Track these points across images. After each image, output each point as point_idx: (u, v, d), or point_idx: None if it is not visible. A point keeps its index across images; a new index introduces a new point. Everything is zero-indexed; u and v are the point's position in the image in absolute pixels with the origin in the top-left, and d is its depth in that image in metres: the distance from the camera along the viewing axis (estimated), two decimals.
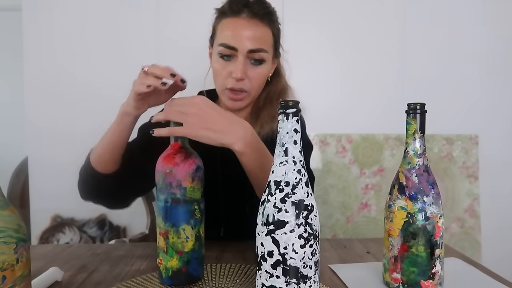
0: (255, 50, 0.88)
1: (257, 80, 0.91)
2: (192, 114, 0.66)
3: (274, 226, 0.52)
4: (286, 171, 0.53)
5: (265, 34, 0.90)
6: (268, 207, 0.53)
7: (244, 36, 0.87)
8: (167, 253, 0.66)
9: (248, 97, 0.92)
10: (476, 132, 1.79)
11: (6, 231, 0.47)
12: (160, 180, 0.66)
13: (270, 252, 0.52)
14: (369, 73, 1.77)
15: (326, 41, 1.75)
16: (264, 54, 0.89)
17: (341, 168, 1.74)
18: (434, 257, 0.64)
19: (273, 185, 0.53)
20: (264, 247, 0.52)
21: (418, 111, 0.64)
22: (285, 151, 0.53)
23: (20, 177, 2.06)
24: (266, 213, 0.53)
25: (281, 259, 0.52)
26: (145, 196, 1.55)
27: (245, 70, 0.88)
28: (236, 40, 0.87)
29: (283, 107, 0.53)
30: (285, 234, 0.52)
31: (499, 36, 1.80)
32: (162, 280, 0.68)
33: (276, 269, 0.52)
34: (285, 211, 0.52)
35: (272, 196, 0.53)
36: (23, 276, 0.49)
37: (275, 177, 0.53)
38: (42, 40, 1.69)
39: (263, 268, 0.53)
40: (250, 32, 0.87)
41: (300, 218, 0.52)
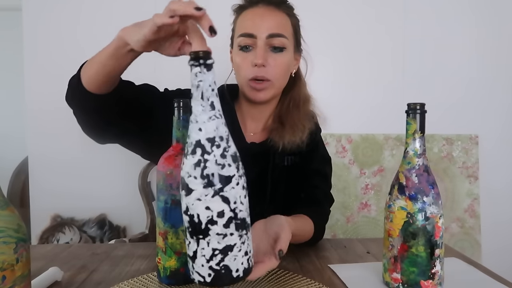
0: (274, 34, 0.87)
1: (279, 69, 0.89)
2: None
3: (221, 184, 0.49)
4: (217, 125, 0.49)
5: (283, 21, 0.90)
6: (209, 167, 0.48)
7: (262, 22, 0.87)
8: (166, 253, 0.66)
9: (271, 87, 0.90)
10: (476, 132, 1.79)
11: (6, 231, 0.47)
12: (160, 181, 0.66)
13: (220, 213, 0.49)
14: (369, 73, 1.77)
15: (326, 41, 1.75)
16: (284, 40, 0.88)
17: (341, 168, 1.73)
18: (434, 257, 0.64)
19: (206, 143, 0.49)
20: (212, 210, 0.49)
21: (418, 111, 0.64)
22: (211, 105, 0.49)
23: (20, 177, 2.07)
24: (207, 173, 0.48)
25: (233, 215, 0.50)
26: (145, 196, 1.56)
27: (266, 56, 0.87)
28: (254, 27, 0.87)
29: (203, 58, 0.48)
30: (233, 189, 0.50)
31: (500, 36, 1.80)
32: (160, 279, 0.68)
33: (229, 227, 0.50)
34: (228, 165, 0.49)
35: (210, 155, 0.49)
36: (23, 276, 0.49)
37: (206, 134, 0.49)
38: (42, 40, 1.69)
39: (213, 232, 0.49)
40: (268, 18, 0.88)
41: (239, 170, 0.51)
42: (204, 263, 0.50)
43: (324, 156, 1.01)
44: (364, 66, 1.77)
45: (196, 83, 0.49)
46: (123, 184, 1.70)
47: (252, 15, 0.89)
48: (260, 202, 0.93)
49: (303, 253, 0.85)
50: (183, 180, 0.50)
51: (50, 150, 1.71)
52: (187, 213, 0.50)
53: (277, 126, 0.94)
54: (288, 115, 0.94)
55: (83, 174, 1.72)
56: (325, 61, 1.76)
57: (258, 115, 0.97)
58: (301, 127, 0.92)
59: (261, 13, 0.89)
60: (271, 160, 0.94)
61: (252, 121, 0.98)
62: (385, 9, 1.76)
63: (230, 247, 0.50)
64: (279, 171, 0.95)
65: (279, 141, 0.91)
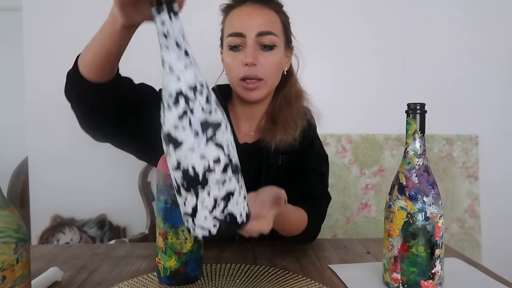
0: (263, 32, 0.86)
1: (271, 67, 0.88)
2: None
3: (212, 130, 0.47)
4: (195, 72, 0.47)
5: (271, 18, 0.88)
6: (196, 115, 0.46)
7: (250, 21, 0.86)
8: (166, 253, 0.66)
9: (264, 85, 0.88)
10: (476, 132, 1.79)
11: (6, 231, 0.47)
12: (160, 181, 0.66)
13: (216, 160, 0.47)
14: (369, 73, 1.77)
15: (326, 41, 1.75)
16: (274, 38, 0.87)
17: (341, 168, 1.73)
18: (434, 257, 0.64)
19: (189, 91, 0.46)
20: (207, 158, 0.46)
21: (418, 111, 0.64)
22: (186, 52, 0.46)
23: (20, 177, 2.06)
24: (196, 121, 0.46)
25: (228, 160, 0.48)
26: (145, 196, 1.56)
27: (256, 55, 0.86)
28: (243, 26, 0.86)
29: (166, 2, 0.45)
30: (224, 134, 0.48)
31: (500, 36, 1.80)
32: (160, 279, 0.68)
33: (226, 171, 0.48)
34: (214, 111, 0.47)
35: (195, 102, 0.46)
36: (23, 276, 0.49)
37: (186, 82, 0.46)
38: (42, 40, 1.69)
39: (212, 181, 0.47)
40: (256, 16, 0.86)
41: (224, 114, 0.49)
42: (207, 214, 0.48)
43: (319, 154, 0.99)
44: (364, 66, 1.77)
45: (165, 32, 0.45)
46: (123, 184, 1.70)
47: (240, 14, 0.88)
48: None
49: (303, 253, 0.85)
50: (169, 134, 0.46)
51: (50, 150, 1.71)
52: (179, 168, 0.47)
53: (269, 125, 0.93)
54: (279, 113, 0.93)
55: (83, 174, 1.72)
56: (325, 61, 1.76)
57: (251, 115, 0.96)
58: (293, 125, 0.91)
59: (249, 12, 0.87)
60: (264, 160, 0.93)
61: (246, 121, 0.97)
62: (385, 9, 1.76)
63: (231, 193, 0.49)
64: (274, 170, 0.94)
65: (271, 141, 0.90)
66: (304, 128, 0.93)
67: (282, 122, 0.91)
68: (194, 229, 0.49)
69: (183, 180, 0.47)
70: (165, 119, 0.47)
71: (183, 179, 0.47)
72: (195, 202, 0.48)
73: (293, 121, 0.91)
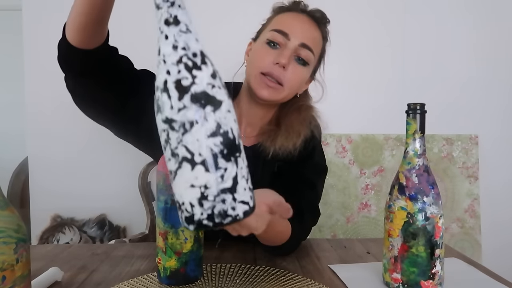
0: (306, 45, 0.85)
1: (295, 80, 0.86)
2: None
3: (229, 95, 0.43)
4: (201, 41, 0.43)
5: (318, 38, 0.89)
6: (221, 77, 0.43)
7: (300, 28, 0.86)
8: (166, 253, 0.66)
9: (281, 91, 0.86)
10: (476, 132, 1.79)
11: (6, 231, 0.47)
12: (160, 181, 0.66)
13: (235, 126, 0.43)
14: (369, 73, 1.77)
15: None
16: (310, 56, 0.87)
17: (341, 168, 1.73)
18: (434, 257, 0.64)
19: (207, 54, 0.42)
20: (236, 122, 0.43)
21: (418, 111, 0.64)
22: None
23: (20, 177, 2.06)
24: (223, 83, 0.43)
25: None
26: (145, 196, 1.56)
27: (290, 61, 0.84)
28: (292, 28, 0.85)
29: None
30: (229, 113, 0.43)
31: (500, 36, 1.80)
32: (160, 279, 0.68)
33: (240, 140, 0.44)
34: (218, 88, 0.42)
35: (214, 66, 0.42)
36: (23, 276, 0.49)
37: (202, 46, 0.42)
38: (42, 40, 1.69)
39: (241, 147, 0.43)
40: (307, 27, 0.87)
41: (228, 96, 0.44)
42: (245, 185, 0.43)
43: (318, 165, 0.95)
44: (363, 66, 1.77)
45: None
46: (123, 184, 1.70)
47: (293, 18, 0.88)
48: None
49: (303, 253, 0.85)
50: (206, 94, 0.40)
51: (50, 150, 1.71)
52: (220, 132, 0.41)
53: (272, 128, 0.90)
54: (286, 117, 0.91)
55: (83, 175, 1.72)
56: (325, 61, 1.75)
57: (254, 119, 0.93)
58: (296, 133, 0.88)
59: (303, 21, 0.88)
60: (260, 166, 0.89)
61: (248, 125, 0.94)
62: (385, 10, 1.76)
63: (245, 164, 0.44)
64: (269, 177, 0.90)
65: (270, 146, 0.87)
66: (307, 138, 0.90)
67: (286, 126, 0.89)
68: (234, 208, 0.41)
69: (223, 146, 0.41)
70: (195, 79, 0.40)
71: (223, 145, 0.41)
72: (235, 172, 0.42)
73: (298, 127, 0.89)
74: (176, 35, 0.41)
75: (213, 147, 0.41)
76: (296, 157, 0.88)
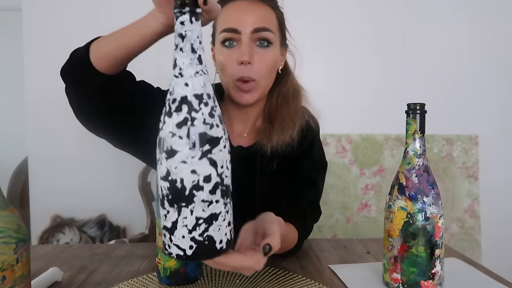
0: (260, 29, 0.81)
1: (265, 66, 0.82)
2: None
3: (209, 145, 0.44)
4: (204, 82, 0.45)
5: (267, 14, 0.83)
6: (197, 126, 0.44)
7: (246, 16, 0.81)
8: None
9: (257, 87, 0.83)
10: (476, 132, 1.79)
11: (6, 231, 0.47)
12: None
13: (207, 177, 0.45)
14: (369, 74, 1.77)
15: (326, 41, 1.75)
16: (270, 34, 0.82)
17: (341, 169, 1.73)
18: (434, 257, 0.64)
19: (194, 99, 0.44)
20: (198, 174, 0.44)
21: (418, 111, 0.64)
22: (199, 58, 0.45)
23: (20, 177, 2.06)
24: (195, 133, 0.44)
25: (219, 180, 0.46)
26: (145, 197, 1.56)
27: (252, 53, 0.80)
28: (238, 21, 0.81)
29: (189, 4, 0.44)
30: (221, 152, 0.45)
31: (500, 36, 1.80)
32: (160, 280, 0.68)
33: (215, 193, 0.45)
34: (216, 126, 0.45)
35: (198, 112, 0.44)
36: (23, 276, 0.49)
37: (193, 90, 0.44)
38: (42, 40, 1.69)
39: (198, 199, 0.45)
40: (252, 11, 0.82)
41: (226, 132, 0.47)
42: (186, 234, 0.45)
43: (317, 161, 0.93)
44: (364, 66, 1.77)
45: (183, 33, 0.44)
46: (123, 184, 1.70)
47: (235, 8, 0.82)
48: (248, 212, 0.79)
49: (303, 253, 0.85)
50: (165, 141, 0.45)
51: (50, 150, 1.71)
52: (168, 179, 0.45)
53: (265, 126, 0.88)
54: (277, 112, 0.88)
55: (83, 175, 1.72)
56: (325, 61, 1.76)
57: (244, 116, 0.91)
58: (291, 124, 0.86)
59: (245, 6, 0.82)
60: (258, 165, 0.87)
61: (239, 123, 0.91)
62: (385, 9, 1.76)
63: (215, 216, 0.46)
64: (269, 176, 0.88)
65: (268, 143, 0.85)
66: (303, 128, 0.89)
67: (279, 121, 0.87)
68: (169, 246, 0.46)
69: (168, 191, 0.45)
70: (163, 124, 0.45)
71: (168, 191, 0.45)
72: (175, 218, 0.45)
73: (291, 119, 0.87)
74: (171, 77, 0.46)
75: (163, 188, 0.46)
76: (296, 149, 0.87)
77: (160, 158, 0.45)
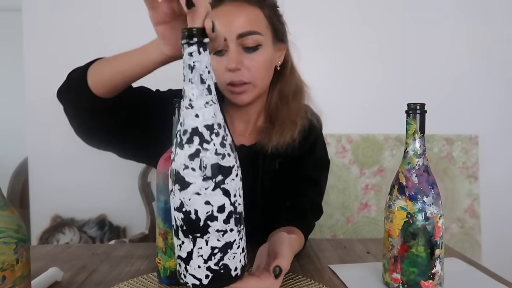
0: (244, 34, 0.79)
1: (257, 69, 0.82)
2: None
3: (222, 175, 0.45)
4: (215, 112, 0.46)
5: (253, 15, 0.81)
6: (209, 157, 0.44)
7: (230, 23, 0.79)
8: (166, 253, 0.66)
9: (252, 88, 0.83)
10: (476, 132, 1.79)
11: (6, 231, 0.47)
12: (160, 182, 0.66)
13: (220, 207, 0.45)
14: (369, 74, 1.77)
15: (326, 41, 1.75)
16: (258, 37, 0.80)
17: (341, 169, 1.74)
18: (434, 257, 0.64)
19: (205, 131, 0.45)
20: (212, 204, 0.45)
21: (418, 111, 0.64)
22: (208, 88, 0.46)
23: (20, 177, 2.06)
24: (207, 164, 0.44)
25: (233, 209, 0.46)
26: (145, 197, 1.56)
27: (239, 59, 0.80)
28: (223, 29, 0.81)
29: (197, 35, 0.45)
30: (233, 181, 0.46)
31: (499, 36, 1.80)
32: (160, 280, 0.68)
33: (229, 222, 0.46)
34: (228, 155, 0.46)
35: (210, 143, 0.45)
36: (23, 277, 0.49)
37: (204, 121, 0.45)
38: (42, 40, 1.69)
39: (212, 229, 0.45)
40: (235, 16, 0.79)
41: (237, 160, 0.47)
42: (201, 264, 0.46)
43: (320, 160, 0.93)
44: (364, 66, 1.77)
45: (191, 64, 0.45)
46: (123, 184, 1.70)
47: (219, 16, 0.79)
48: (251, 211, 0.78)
49: (303, 253, 0.85)
50: (177, 173, 0.45)
51: (50, 150, 1.71)
52: (182, 210, 0.45)
53: (266, 126, 0.88)
54: (277, 113, 0.88)
55: (83, 175, 1.72)
56: (325, 61, 1.76)
57: (245, 116, 0.91)
58: (291, 125, 0.85)
59: (228, 12, 0.80)
60: (261, 164, 0.88)
61: (240, 122, 0.92)
62: (386, 9, 1.76)
63: (230, 244, 0.46)
64: (271, 175, 0.88)
65: (268, 143, 0.85)
66: (305, 128, 0.88)
67: (279, 122, 0.86)
68: (185, 276, 0.47)
69: (183, 222, 0.46)
70: (175, 156, 0.45)
71: (183, 222, 0.46)
72: (191, 248, 0.46)
73: (292, 120, 0.86)
74: (182, 109, 0.46)
75: (177, 219, 0.47)
76: (298, 148, 0.87)
77: (173, 189, 0.46)
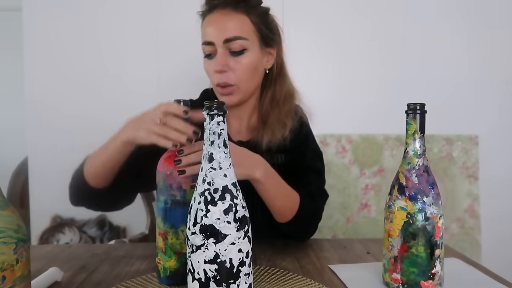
0: (230, 39, 0.86)
1: (242, 71, 0.88)
2: None
3: (247, 225, 0.53)
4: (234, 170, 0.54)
5: (240, 22, 0.87)
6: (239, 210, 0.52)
7: (217, 28, 0.87)
8: (166, 253, 0.66)
9: (237, 91, 0.90)
10: (476, 132, 1.79)
11: (6, 231, 0.47)
12: (160, 181, 0.66)
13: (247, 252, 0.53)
14: (370, 73, 1.77)
15: (326, 41, 1.75)
16: (243, 42, 0.87)
17: (341, 169, 1.73)
18: (434, 258, 0.64)
19: (232, 188, 0.52)
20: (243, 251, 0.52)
21: (418, 111, 0.64)
22: (229, 152, 0.53)
23: (20, 177, 2.06)
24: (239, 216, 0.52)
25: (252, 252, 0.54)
26: (145, 196, 1.55)
27: (225, 62, 0.87)
28: (211, 34, 0.87)
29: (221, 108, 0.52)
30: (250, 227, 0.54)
31: (500, 36, 1.80)
32: (160, 280, 0.68)
33: (251, 264, 0.54)
34: (246, 207, 0.54)
35: (237, 198, 0.52)
36: (23, 276, 0.49)
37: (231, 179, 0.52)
38: (42, 41, 1.69)
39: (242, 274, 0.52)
40: (223, 22, 0.87)
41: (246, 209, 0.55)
42: None
43: (315, 151, 1.00)
44: (364, 66, 1.77)
45: (219, 132, 0.51)
46: None
47: (209, 22, 0.89)
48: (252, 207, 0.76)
49: (303, 253, 0.85)
50: (212, 227, 0.50)
51: (50, 150, 1.71)
52: (216, 261, 0.50)
53: (258, 125, 0.95)
54: (269, 114, 0.95)
55: None
56: (325, 61, 1.76)
57: (238, 114, 0.97)
58: (281, 127, 0.92)
59: (216, 19, 0.88)
60: None
61: (235, 119, 0.98)
62: (386, 9, 1.76)
63: (251, 285, 0.53)
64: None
65: (261, 142, 0.92)
66: (296, 127, 0.95)
67: (270, 124, 0.93)
68: None
69: (216, 273, 0.50)
70: (207, 213, 0.50)
71: (216, 272, 0.50)
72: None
73: (282, 122, 0.93)
74: (207, 170, 0.51)
75: (208, 271, 0.50)
76: (289, 145, 0.93)
77: (206, 243, 0.50)
